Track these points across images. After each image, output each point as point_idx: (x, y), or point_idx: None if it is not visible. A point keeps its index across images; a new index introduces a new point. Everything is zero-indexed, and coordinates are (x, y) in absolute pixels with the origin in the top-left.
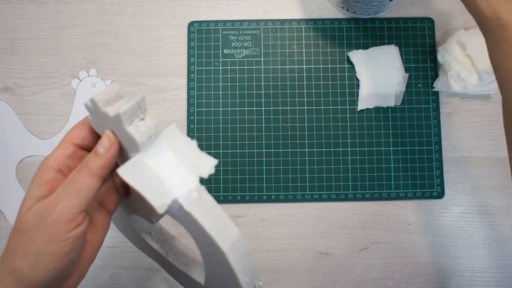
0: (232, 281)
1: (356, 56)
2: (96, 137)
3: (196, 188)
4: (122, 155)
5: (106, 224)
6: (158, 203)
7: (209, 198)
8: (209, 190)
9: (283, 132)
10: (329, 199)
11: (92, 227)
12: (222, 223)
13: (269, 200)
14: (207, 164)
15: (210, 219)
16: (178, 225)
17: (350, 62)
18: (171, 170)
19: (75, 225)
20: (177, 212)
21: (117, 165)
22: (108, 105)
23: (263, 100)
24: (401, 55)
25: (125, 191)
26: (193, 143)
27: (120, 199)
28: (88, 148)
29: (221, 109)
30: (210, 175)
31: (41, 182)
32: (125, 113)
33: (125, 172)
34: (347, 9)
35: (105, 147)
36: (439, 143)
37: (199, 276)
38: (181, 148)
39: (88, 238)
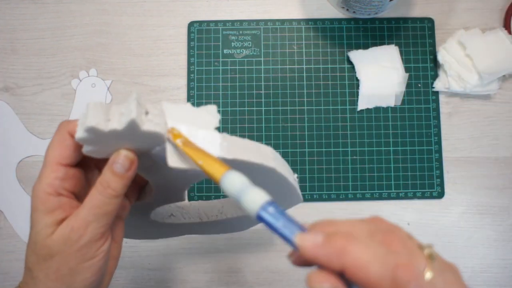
0: (279, 186)
1: (356, 56)
2: (80, 151)
3: (220, 138)
4: (142, 158)
5: (121, 232)
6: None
7: (234, 138)
8: (209, 191)
9: (283, 132)
10: (329, 199)
11: (112, 240)
12: (257, 148)
13: None
14: (211, 113)
15: (249, 153)
16: None
17: (350, 62)
18: (196, 139)
19: (105, 240)
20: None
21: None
22: (107, 122)
23: (263, 100)
24: (401, 55)
25: (135, 195)
26: (189, 106)
27: (128, 203)
28: (75, 164)
29: (221, 109)
30: (218, 126)
31: (49, 209)
32: (138, 115)
33: (176, 161)
34: (347, 9)
35: (125, 167)
36: (439, 143)
37: (237, 211)
38: (184, 116)
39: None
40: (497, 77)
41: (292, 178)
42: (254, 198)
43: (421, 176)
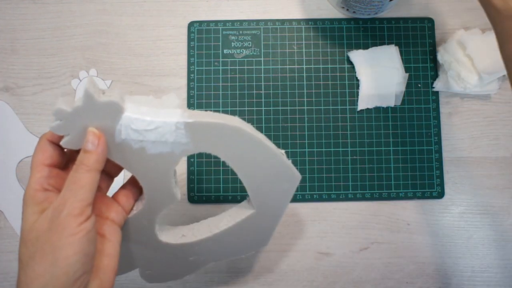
0: (267, 163)
1: (356, 56)
2: (61, 152)
3: (181, 110)
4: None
5: (115, 233)
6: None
7: (197, 111)
8: (209, 191)
9: (283, 132)
10: (329, 199)
11: (100, 238)
12: (222, 116)
13: None
14: (171, 99)
15: (210, 117)
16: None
17: (350, 62)
18: (154, 112)
19: (85, 218)
20: (185, 135)
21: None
22: (71, 104)
23: (263, 100)
24: (401, 55)
25: (128, 199)
26: (151, 97)
27: (121, 209)
28: (58, 166)
29: (221, 109)
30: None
31: (37, 202)
32: (93, 90)
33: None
34: (347, 9)
35: (93, 143)
36: (439, 143)
37: (248, 206)
38: (146, 102)
39: (100, 247)
40: (497, 77)
41: (277, 150)
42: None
43: (421, 176)
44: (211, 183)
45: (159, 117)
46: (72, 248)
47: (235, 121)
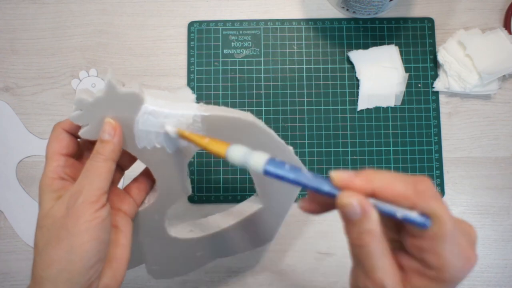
0: (276, 150)
1: (356, 56)
2: (76, 142)
3: (198, 105)
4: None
5: (127, 225)
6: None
7: (210, 106)
8: (209, 191)
9: (283, 132)
10: None
11: (113, 229)
12: (237, 111)
13: None
14: (187, 92)
15: (226, 112)
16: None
17: (350, 62)
18: (172, 105)
19: (101, 205)
20: (201, 126)
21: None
22: (92, 95)
23: (263, 100)
24: (401, 55)
25: (140, 192)
26: (166, 91)
27: (133, 202)
28: (73, 156)
29: None
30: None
31: (54, 189)
32: (114, 81)
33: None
34: (347, 9)
35: (109, 133)
36: (439, 143)
37: (256, 201)
38: (163, 96)
39: (113, 238)
40: (497, 77)
41: (287, 146)
42: (258, 159)
43: None
44: (211, 183)
45: (177, 109)
46: (87, 234)
47: (249, 116)
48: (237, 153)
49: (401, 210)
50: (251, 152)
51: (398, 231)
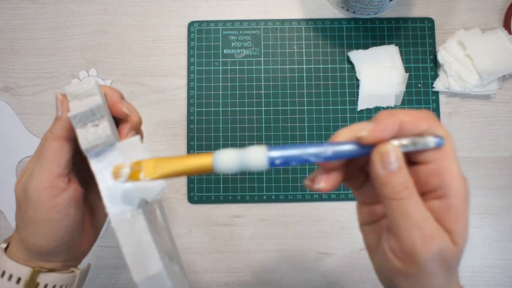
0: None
1: (356, 56)
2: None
3: (132, 208)
4: None
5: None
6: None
7: (141, 224)
8: (209, 191)
9: (283, 132)
10: (329, 199)
11: (89, 210)
12: (144, 253)
13: (269, 200)
14: (156, 188)
15: (132, 245)
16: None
17: (350, 62)
18: (115, 182)
19: (58, 191)
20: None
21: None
22: (76, 99)
23: (263, 100)
24: (401, 55)
25: None
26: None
27: None
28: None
29: (221, 109)
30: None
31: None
32: (75, 117)
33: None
34: (347, 9)
35: (58, 109)
36: None
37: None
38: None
39: (93, 203)
40: (497, 77)
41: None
42: (256, 153)
43: None
44: (211, 183)
45: (112, 187)
46: (48, 225)
47: (144, 272)
48: (227, 160)
49: (419, 139)
50: (243, 150)
51: None
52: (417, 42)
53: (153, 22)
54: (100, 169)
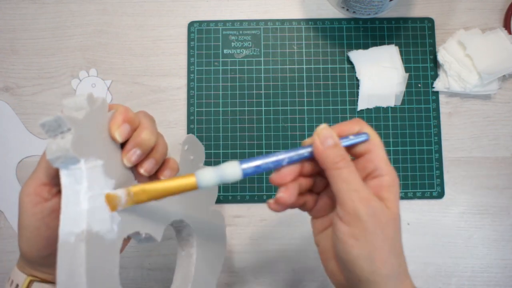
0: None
1: (356, 56)
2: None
3: (78, 233)
4: None
5: None
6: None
7: (81, 251)
8: None
9: (283, 132)
10: None
11: None
12: (76, 282)
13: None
14: (105, 215)
15: (65, 273)
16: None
17: (350, 62)
18: (74, 199)
19: (41, 199)
20: None
21: None
22: (72, 112)
23: (263, 100)
24: (401, 55)
25: None
26: (110, 187)
27: None
28: None
29: (221, 109)
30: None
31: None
32: (44, 125)
33: None
34: (347, 9)
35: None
36: (439, 143)
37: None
38: (98, 187)
39: None
40: (497, 77)
41: None
42: (232, 168)
43: (421, 176)
44: None
45: (69, 204)
46: (30, 231)
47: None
48: (208, 177)
49: (349, 138)
50: (219, 167)
51: None
52: (417, 42)
53: (153, 22)
54: (68, 183)
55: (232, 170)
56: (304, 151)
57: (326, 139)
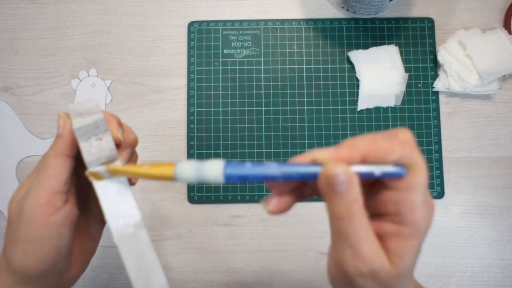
0: None
1: (356, 56)
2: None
3: (135, 222)
4: None
5: (100, 231)
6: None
7: (144, 238)
8: (209, 191)
9: (283, 132)
10: None
11: (83, 235)
12: (149, 268)
13: None
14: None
15: (135, 260)
16: None
17: (350, 62)
18: (118, 197)
19: (54, 209)
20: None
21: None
22: (78, 117)
23: (263, 100)
24: (401, 55)
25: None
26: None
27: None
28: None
29: (221, 109)
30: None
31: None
32: (79, 129)
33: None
34: (347, 9)
35: (60, 127)
36: (439, 143)
37: None
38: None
39: (78, 243)
40: (497, 77)
41: None
42: (213, 167)
43: None
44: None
45: (115, 201)
46: (39, 243)
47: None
48: (187, 170)
49: (378, 167)
50: (202, 162)
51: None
52: (417, 42)
53: (153, 22)
54: (102, 185)
55: (213, 171)
56: (305, 171)
57: (338, 184)
